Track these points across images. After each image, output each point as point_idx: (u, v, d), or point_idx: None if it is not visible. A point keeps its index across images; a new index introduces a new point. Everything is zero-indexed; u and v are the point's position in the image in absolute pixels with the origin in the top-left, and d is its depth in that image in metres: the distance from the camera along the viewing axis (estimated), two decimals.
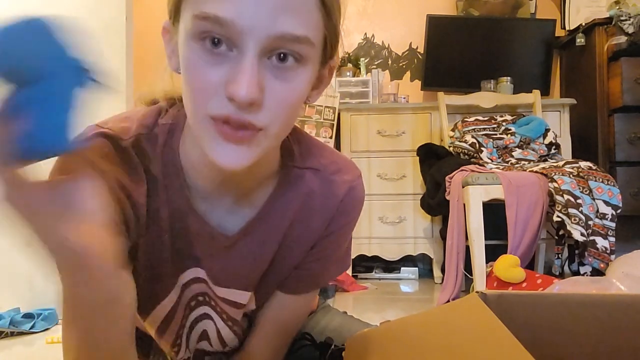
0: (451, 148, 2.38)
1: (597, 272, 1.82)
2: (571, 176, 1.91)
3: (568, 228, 1.83)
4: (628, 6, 2.48)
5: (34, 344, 1.54)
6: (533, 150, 2.31)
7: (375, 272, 2.68)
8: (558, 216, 1.86)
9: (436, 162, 2.34)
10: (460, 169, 2.12)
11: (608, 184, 1.91)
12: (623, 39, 2.43)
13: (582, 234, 1.81)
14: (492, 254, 1.94)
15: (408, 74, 3.15)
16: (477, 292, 0.48)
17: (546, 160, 2.27)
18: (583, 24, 2.67)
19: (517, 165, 2.19)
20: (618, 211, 1.89)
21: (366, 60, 3.05)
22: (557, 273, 1.99)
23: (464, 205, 2.04)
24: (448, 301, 1.98)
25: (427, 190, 2.40)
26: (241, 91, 0.48)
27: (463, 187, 2.04)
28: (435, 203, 2.30)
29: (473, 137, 2.30)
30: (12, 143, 0.40)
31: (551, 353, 0.50)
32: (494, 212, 2.06)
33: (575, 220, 1.83)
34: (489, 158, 2.26)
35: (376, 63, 3.15)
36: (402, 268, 2.71)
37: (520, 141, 2.32)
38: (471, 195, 1.98)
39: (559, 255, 1.99)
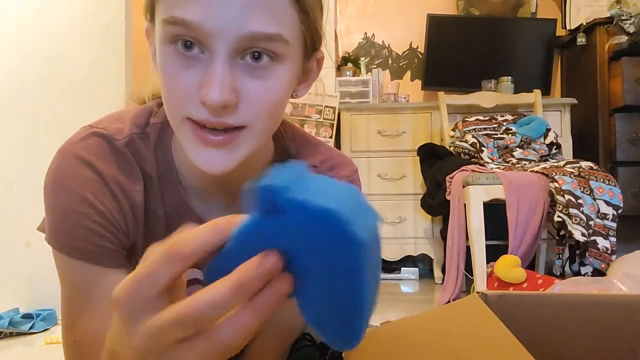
0: (452, 148, 2.38)
1: (598, 273, 1.82)
2: (572, 176, 1.91)
3: (569, 228, 1.82)
4: (629, 6, 2.48)
5: (33, 345, 1.54)
6: (534, 150, 2.31)
7: None
8: (559, 216, 1.86)
9: (436, 162, 2.34)
10: (460, 169, 2.12)
11: (609, 184, 1.91)
12: (624, 39, 2.43)
13: (583, 234, 1.81)
14: (493, 254, 1.94)
15: (408, 74, 3.14)
16: (478, 293, 0.48)
17: (547, 160, 2.26)
18: (584, 24, 2.67)
19: (518, 165, 2.19)
20: (619, 211, 1.88)
21: (366, 59, 3.05)
22: (558, 273, 1.99)
23: (465, 205, 2.03)
24: (448, 301, 1.97)
25: (428, 190, 2.39)
26: (213, 95, 0.48)
27: (464, 187, 2.04)
28: (435, 203, 2.30)
29: (474, 137, 2.30)
30: None
31: (552, 353, 0.49)
32: (495, 212, 2.05)
33: (576, 220, 1.82)
34: (490, 158, 2.26)
35: (376, 63, 3.15)
36: (403, 268, 2.70)
37: (521, 141, 2.32)
38: (472, 195, 1.97)
39: (560, 255, 1.98)
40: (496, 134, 2.38)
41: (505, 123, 2.43)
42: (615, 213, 1.88)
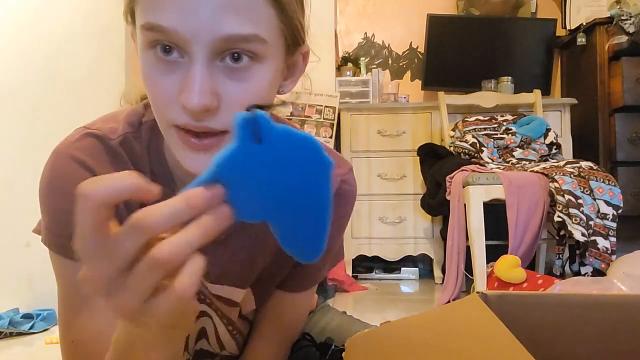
0: (452, 148, 2.38)
1: (598, 273, 1.82)
2: (572, 176, 1.91)
3: (569, 228, 1.82)
4: (629, 6, 2.48)
5: (33, 345, 1.54)
6: (534, 150, 2.31)
7: (375, 273, 2.68)
8: (559, 216, 1.86)
9: (436, 162, 2.34)
10: (460, 169, 2.12)
11: (609, 184, 1.91)
12: (624, 39, 2.43)
13: (583, 234, 1.81)
14: (493, 254, 1.94)
15: (408, 74, 3.15)
16: (478, 293, 0.48)
17: (547, 160, 2.26)
18: (584, 24, 2.67)
19: (518, 165, 2.19)
20: (619, 211, 1.88)
21: (366, 59, 3.05)
22: (558, 273, 1.99)
23: (465, 205, 2.03)
24: (448, 301, 1.97)
25: (428, 190, 2.39)
26: (192, 100, 0.47)
27: (463, 187, 2.04)
28: (435, 203, 2.30)
29: (474, 137, 2.30)
30: None
31: (552, 353, 0.49)
32: (495, 212, 2.05)
33: (576, 220, 1.82)
34: (490, 158, 2.26)
35: (376, 63, 3.15)
36: (403, 268, 2.71)
37: (521, 141, 2.32)
38: (472, 195, 1.97)
39: (560, 255, 1.98)
40: (496, 134, 2.38)
41: (505, 123, 2.43)
42: (615, 213, 1.88)
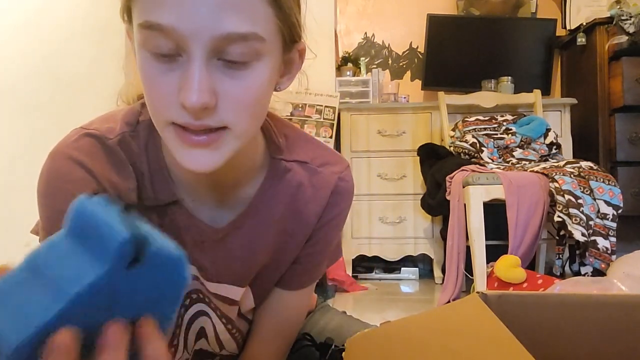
0: (452, 148, 2.38)
1: (598, 273, 1.82)
2: (572, 176, 1.91)
3: (569, 228, 1.82)
4: (629, 6, 2.48)
5: None
6: (534, 150, 2.30)
7: (375, 273, 2.68)
8: (559, 216, 1.86)
9: (436, 162, 2.34)
10: (460, 169, 2.12)
11: (609, 184, 1.91)
12: (624, 39, 2.43)
13: (583, 234, 1.81)
14: (493, 254, 1.94)
15: (408, 74, 3.14)
16: (478, 293, 0.48)
17: (547, 160, 2.26)
18: (584, 24, 2.67)
19: (518, 165, 2.19)
20: (619, 211, 1.88)
21: (366, 59, 3.04)
22: (558, 273, 1.99)
23: (465, 205, 2.03)
24: (448, 301, 1.97)
25: (428, 190, 2.39)
26: (191, 98, 0.48)
27: (464, 187, 2.04)
28: (435, 203, 2.30)
29: (474, 137, 2.30)
30: None
31: (552, 353, 0.49)
32: (495, 212, 2.05)
33: (576, 220, 1.82)
34: (490, 158, 2.26)
35: (376, 62, 3.15)
36: (403, 268, 2.70)
37: (521, 141, 2.31)
38: (472, 195, 1.97)
39: (560, 255, 1.98)
40: (496, 134, 2.38)
41: (505, 123, 2.43)
42: (615, 213, 1.88)
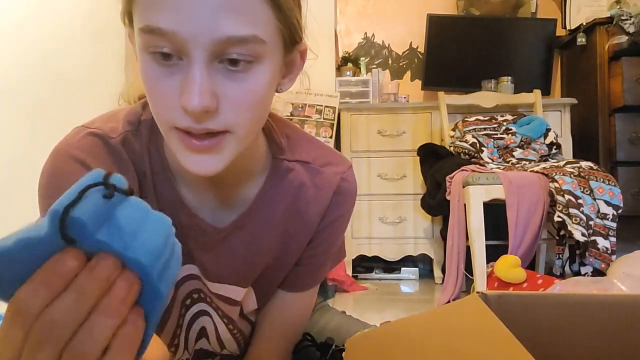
0: (452, 148, 2.38)
1: (598, 273, 1.82)
2: (572, 176, 1.91)
3: (569, 228, 1.82)
4: (629, 6, 2.48)
5: None
6: (534, 150, 2.30)
7: (375, 273, 2.68)
8: (559, 216, 1.86)
9: (436, 162, 2.34)
10: (460, 169, 2.12)
11: (609, 184, 1.91)
12: (624, 39, 2.43)
13: (583, 234, 1.81)
14: (493, 254, 1.94)
15: (408, 74, 3.14)
16: (478, 293, 0.48)
17: (547, 160, 2.26)
18: (584, 24, 2.67)
19: (518, 165, 2.19)
20: (619, 211, 1.88)
21: (366, 59, 3.05)
22: (558, 273, 1.99)
23: (465, 205, 2.03)
24: (448, 301, 1.97)
25: (428, 190, 2.39)
26: (192, 101, 0.48)
27: (464, 187, 2.04)
28: (435, 203, 2.30)
29: (474, 137, 2.30)
30: None
31: (552, 353, 0.49)
32: (495, 212, 2.05)
33: (576, 220, 1.82)
34: (490, 158, 2.26)
35: (376, 62, 3.15)
36: (403, 268, 2.71)
37: (521, 141, 2.31)
38: (472, 195, 1.97)
39: (560, 255, 1.98)
40: (496, 134, 2.38)
41: (505, 123, 2.43)
42: (615, 213, 1.88)
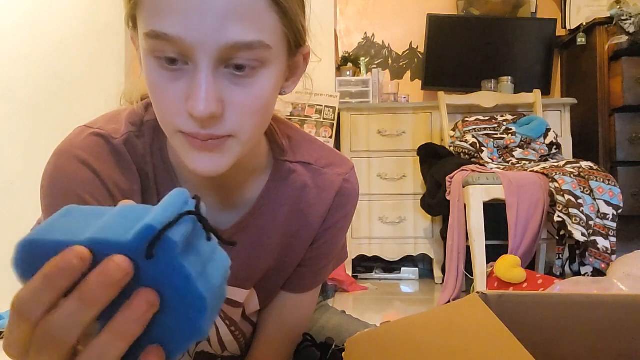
0: (452, 148, 2.38)
1: (598, 273, 1.82)
2: (572, 176, 1.91)
3: (569, 228, 1.82)
4: (629, 5, 2.48)
5: None
6: (534, 150, 2.30)
7: (375, 273, 2.68)
8: (559, 216, 1.86)
9: (437, 162, 2.34)
10: (460, 169, 2.12)
11: (609, 184, 1.91)
12: (624, 39, 2.43)
13: (583, 234, 1.81)
14: (493, 254, 1.94)
15: (408, 74, 3.14)
16: (478, 293, 0.48)
17: (547, 160, 2.26)
18: (584, 24, 2.67)
19: (518, 165, 2.19)
20: (619, 211, 1.88)
21: (366, 59, 3.04)
22: (558, 273, 1.99)
23: (465, 205, 2.03)
24: (448, 301, 1.97)
25: (428, 190, 2.39)
26: (199, 107, 0.48)
27: (464, 187, 2.04)
28: (435, 203, 2.30)
29: (474, 137, 2.30)
30: None
31: (552, 353, 0.49)
32: (495, 212, 2.05)
33: (576, 220, 1.82)
34: (490, 158, 2.26)
35: (376, 62, 3.15)
36: (403, 268, 2.71)
37: (521, 141, 2.31)
38: (472, 195, 1.97)
39: (560, 255, 1.98)
40: (496, 134, 2.38)
41: (505, 123, 2.43)
42: (615, 213, 1.88)
